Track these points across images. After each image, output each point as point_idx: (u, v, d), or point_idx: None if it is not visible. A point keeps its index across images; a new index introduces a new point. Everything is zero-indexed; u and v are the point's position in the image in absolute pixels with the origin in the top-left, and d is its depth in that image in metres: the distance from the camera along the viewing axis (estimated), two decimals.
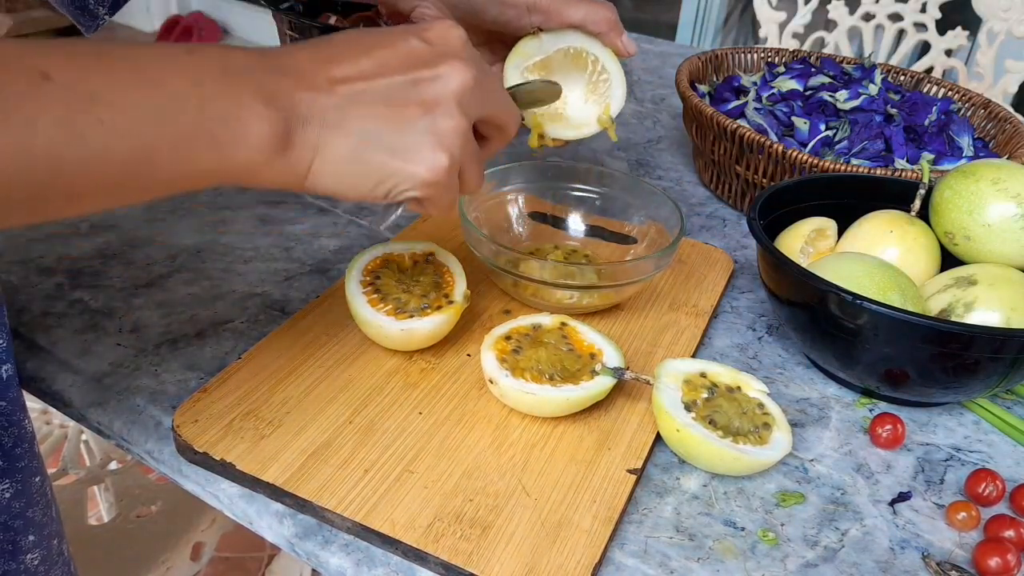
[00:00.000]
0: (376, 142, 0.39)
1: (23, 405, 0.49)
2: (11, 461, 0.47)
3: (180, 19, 3.68)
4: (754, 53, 0.95)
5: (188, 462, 0.47)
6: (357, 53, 0.39)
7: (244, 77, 0.36)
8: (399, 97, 0.39)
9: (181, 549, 0.89)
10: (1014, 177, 0.57)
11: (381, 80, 0.39)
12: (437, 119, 0.40)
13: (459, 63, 0.40)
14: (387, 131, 0.39)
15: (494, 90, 0.44)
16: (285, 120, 0.37)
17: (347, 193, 0.40)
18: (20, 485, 0.48)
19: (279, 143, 0.37)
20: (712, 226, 0.78)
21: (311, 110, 0.37)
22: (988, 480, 0.49)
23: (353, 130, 0.38)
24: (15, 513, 0.48)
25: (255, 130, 0.36)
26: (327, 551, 0.43)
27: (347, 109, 0.38)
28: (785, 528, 0.46)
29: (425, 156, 0.40)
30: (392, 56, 0.39)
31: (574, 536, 0.43)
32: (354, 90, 0.38)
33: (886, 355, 0.52)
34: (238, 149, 0.36)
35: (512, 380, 0.48)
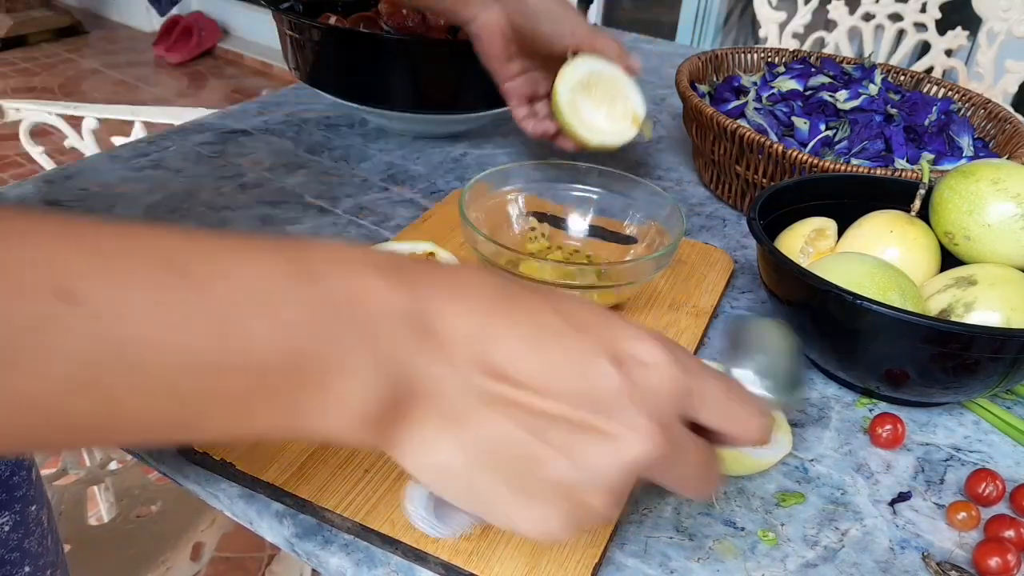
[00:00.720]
0: (494, 464, 0.29)
1: None
2: (9, 491, 0.46)
3: (180, 19, 3.68)
4: (754, 53, 0.95)
5: (188, 462, 0.47)
6: (527, 339, 0.29)
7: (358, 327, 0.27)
8: (552, 434, 0.28)
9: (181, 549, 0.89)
10: (1014, 177, 0.57)
11: (538, 402, 0.28)
12: (582, 490, 0.29)
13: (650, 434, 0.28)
14: (514, 461, 0.28)
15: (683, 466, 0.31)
16: (393, 396, 0.27)
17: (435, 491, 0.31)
18: (18, 516, 0.47)
19: (375, 420, 0.28)
20: (712, 226, 0.78)
21: (435, 391, 0.28)
22: (988, 480, 0.49)
23: (475, 437, 0.28)
24: (12, 546, 0.47)
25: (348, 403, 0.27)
26: (327, 551, 0.43)
27: (479, 412, 0.28)
28: (785, 528, 0.46)
29: (540, 518, 0.29)
30: (569, 369, 0.28)
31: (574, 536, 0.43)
32: (499, 394, 0.28)
33: (886, 355, 0.51)
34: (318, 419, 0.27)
35: None
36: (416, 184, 0.80)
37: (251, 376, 0.25)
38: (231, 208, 0.72)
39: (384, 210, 0.74)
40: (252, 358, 0.25)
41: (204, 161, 0.80)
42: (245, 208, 0.72)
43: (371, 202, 0.75)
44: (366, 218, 0.72)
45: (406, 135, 0.90)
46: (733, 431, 0.32)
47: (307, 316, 0.26)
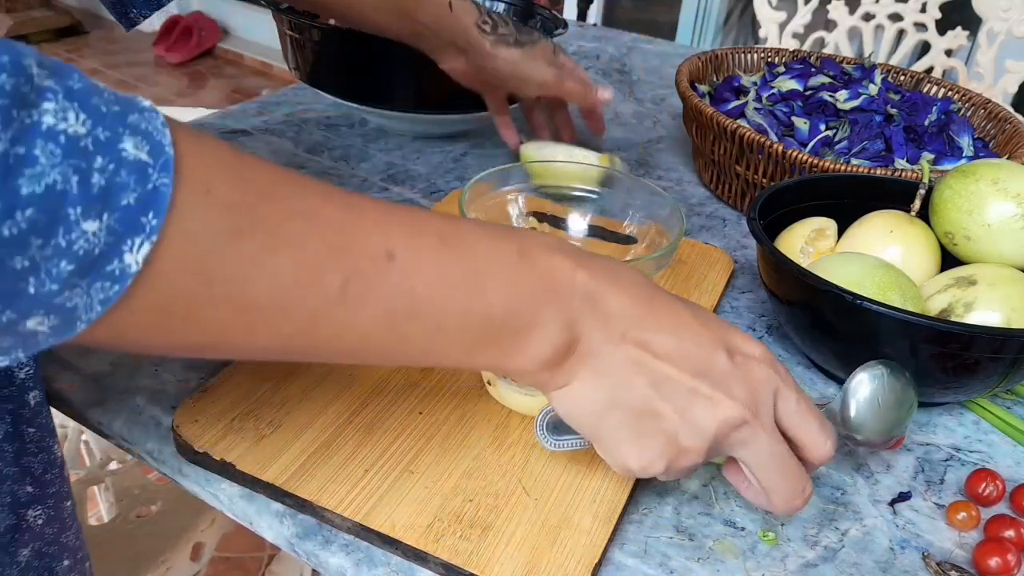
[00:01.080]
0: (621, 411, 0.38)
1: (52, 431, 0.48)
2: (42, 487, 0.47)
3: (180, 19, 3.68)
4: (754, 53, 0.95)
5: (188, 462, 0.47)
6: (667, 326, 0.38)
7: (558, 297, 0.36)
8: (669, 391, 0.38)
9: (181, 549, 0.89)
10: (1014, 177, 0.57)
11: (666, 367, 0.37)
12: (681, 434, 0.38)
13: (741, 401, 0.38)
14: (636, 411, 0.38)
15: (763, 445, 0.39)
16: (568, 348, 0.37)
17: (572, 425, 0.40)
18: (52, 511, 0.48)
19: (552, 363, 0.37)
20: (712, 226, 0.78)
21: (592, 350, 0.37)
22: (988, 480, 0.49)
23: (612, 390, 0.38)
24: (49, 539, 0.48)
25: (539, 348, 0.36)
26: (327, 551, 0.43)
27: (620, 368, 0.38)
28: (785, 528, 0.46)
29: (644, 453, 0.39)
30: (693, 350, 0.38)
31: (574, 536, 0.43)
32: (638, 357, 0.37)
33: (886, 355, 0.51)
34: (515, 358, 0.37)
35: (509, 383, 0.49)
36: (416, 184, 0.80)
37: (486, 323, 0.35)
38: None
39: None
40: (491, 310, 0.35)
41: None
42: None
43: None
44: None
45: (406, 135, 0.90)
46: (805, 440, 0.40)
47: (527, 285, 0.36)
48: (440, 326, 0.34)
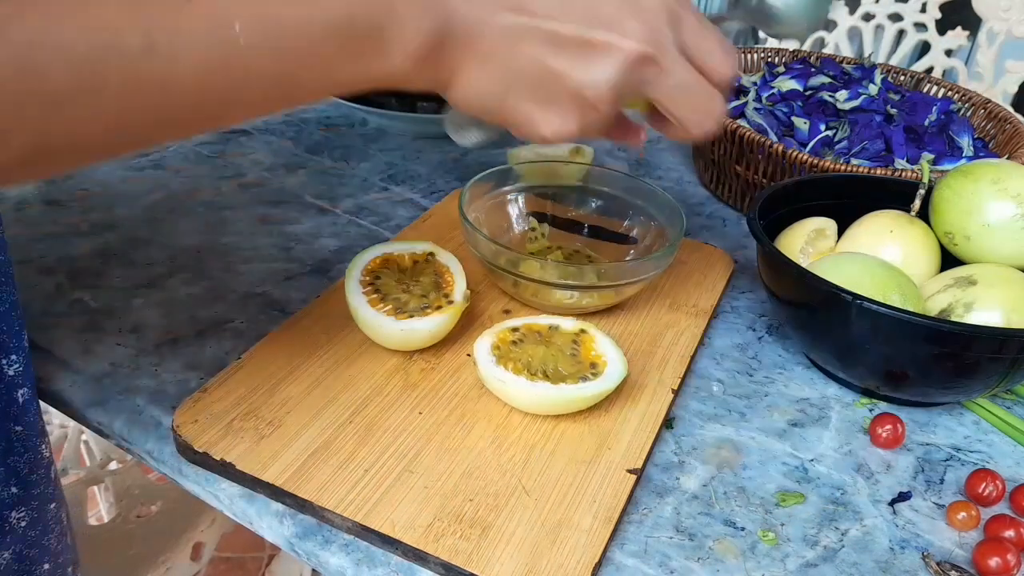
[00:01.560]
0: (520, 84, 0.37)
1: (41, 431, 0.48)
2: (27, 488, 0.47)
3: None
4: (754, 53, 0.95)
5: (188, 462, 0.47)
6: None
7: None
8: (560, 48, 0.36)
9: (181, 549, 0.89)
10: (1014, 177, 0.57)
11: (551, 23, 0.36)
12: (585, 89, 0.37)
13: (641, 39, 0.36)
14: (535, 78, 0.37)
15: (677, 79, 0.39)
16: (436, 32, 0.35)
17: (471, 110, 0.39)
18: (36, 513, 0.47)
19: (425, 55, 0.35)
20: (712, 226, 0.78)
21: (467, 31, 0.35)
22: (988, 480, 0.49)
23: (503, 64, 0.36)
24: (30, 542, 0.47)
25: (402, 44, 0.34)
26: (327, 551, 0.43)
27: (504, 41, 0.36)
28: (785, 528, 0.46)
29: (554, 118, 0.38)
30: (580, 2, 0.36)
31: (574, 536, 0.43)
32: (519, 24, 0.36)
33: (886, 355, 0.52)
34: (384, 61, 0.34)
35: (491, 365, 0.48)
36: (416, 184, 0.80)
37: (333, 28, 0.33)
38: (231, 208, 0.72)
39: (384, 210, 0.74)
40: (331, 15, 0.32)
41: (204, 161, 0.80)
42: (245, 208, 0.72)
43: (371, 202, 0.75)
44: (366, 218, 0.72)
45: (406, 135, 0.90)
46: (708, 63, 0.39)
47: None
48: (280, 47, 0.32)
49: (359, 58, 0.34)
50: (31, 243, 0.64)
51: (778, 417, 0.54)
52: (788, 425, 0.54)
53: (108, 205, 0.71)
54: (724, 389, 0.56)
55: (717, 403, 0.55)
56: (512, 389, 0.48)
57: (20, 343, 0.46)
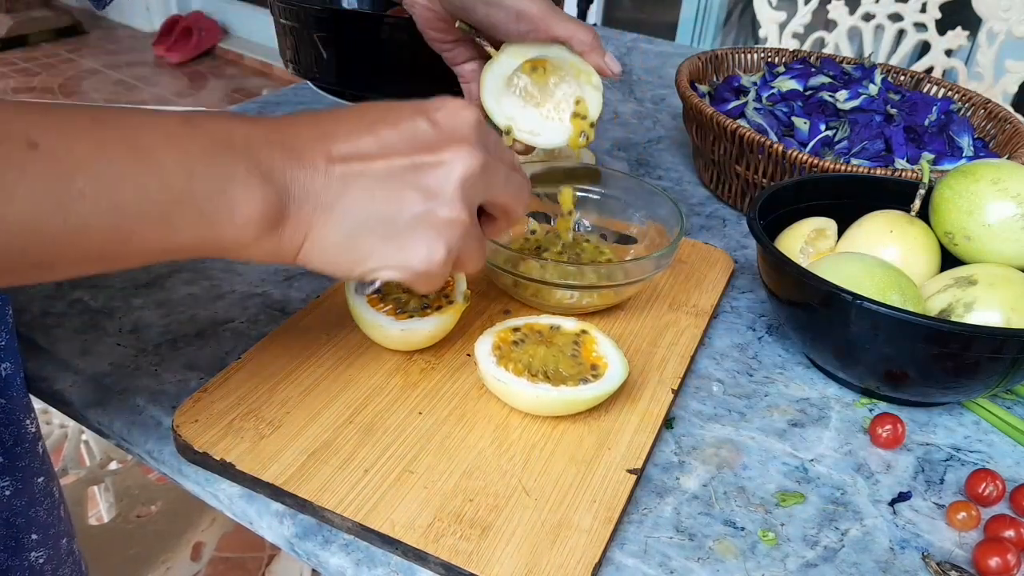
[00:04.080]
0: (370, 227, 0.38)
1: (27, 406, 0.48)
2: (11, 459, 0.47)
3: (180, 18, 3.68)
4: (754, 53, 0.95)
5: (188, 462, 0.47)
6: (359, 130, 0.38)
7: (238, 151, 0.35)
8: (398, 182, 0.38)
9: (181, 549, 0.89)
10: (1014, 177, 0.57)
11: (381, 162, 0.37)
12: (436, 209, 0.38)
13: (466, 149, 0.39)
14: (382, 216, 0.38)
15: (503, 173, 0.42)
16: (277, 198, 0.36)
17: (335, 272, 0.39)
18: (20, 484, 0.48)
19: (270, 222, 0.36)
20: (712, 226, 0.78)
21: (306, 190, 0.36)
22: (988, 480, 0.49)
23: (347, 213, 0.37)
24: (16, 511, 0.48)
25: (245, 209, 0.35)
26: (327, 551, 0.43)
27: (343, 191, 0.37)
28: (785, 528, 0.46)
29: (419, 248, 0.38)
30: (395, 136, 0.38)
31: (574, 536, 0.43)
32: (351, 171, 0.37)
33: (886, 355, 0.52)
34: (225, 227, 0.35)
35: (492, 365, 0.48)
36: None
37: (168, 194, 0.33)
38: None
39: None
40: (166, 179, 0.33)
41: None
42: None
43: None
44: None
45: None
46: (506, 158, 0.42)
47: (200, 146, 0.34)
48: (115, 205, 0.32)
49: (199, 221, 0.34)
50: None
51: (778, 417, 0.54)
52: (788, 425, 0.54)
53: None
54: (724, 389, 0.56)
55: (717, 403, 0.55)
56: (512, 390, 0.48)
57: (3, 318, 0.46)
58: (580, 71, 0.59)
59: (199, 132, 0.34)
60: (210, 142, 0.34)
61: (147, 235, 0.33)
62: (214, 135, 0.35)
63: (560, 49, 0.57)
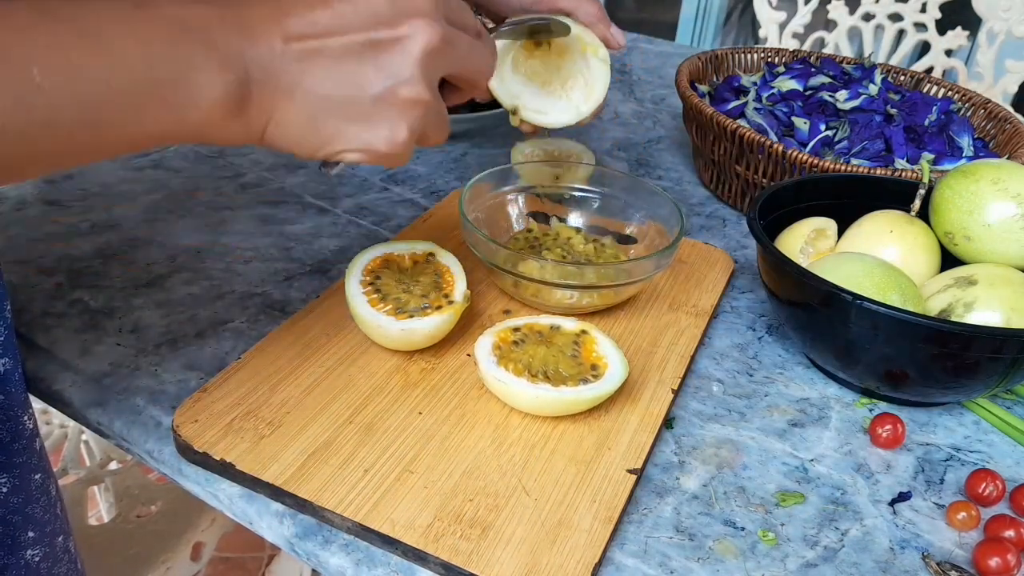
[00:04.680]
0: (331, 107, 0.37)
1: (24, 402, 0.48)
2: (8, 456, 0.47)
3: None
4: (754, 53, 0.95)
5: (188, 462, 0.47)
6: (314, 5, 0.37)
7: (195, 35, 0.34)
8: (356, 60, 0.37)
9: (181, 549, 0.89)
10: (1014, 177, 0.57)
11: (338, 39, 0.36)
12: (397, 89, 0.37)
13: (423, 22, 0.37)
14: (343, 97, 0.37)
15: (466, 43, 0.41)
16: (238, 82, 0.35)
17: (300, 153, 0.39)
18: (18, 481, 0.48)
19: (233, 105, 0.35)
20: (712, 226, 0.78)
21: (265, 72, 0.36)
22: (988, 480, 0.49)
23: (308, 94, 0.37)
24: (13, 508, 0.48)
25: (207, 93, 0.34)
26: (327, 551, 0.43)
27: (302, 71, 0.36)
28: (785, 528, 0.46)
29: (381, 129, 0.38)
30: (351, 11, 0.37)
31: (574, 536, 0.43)
32: (308, 48, 0.36)
33: (886, 355, 0.52)
34: (190, 111, 0.34)
35: (492, 365, 0.48)
36: (416, 184, 0.80)
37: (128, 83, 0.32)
38: (231, 208, 0.72)
39: (384, 210, 0.74)
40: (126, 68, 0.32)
41: (204, 161, 0.80)
42: (245, 208, 0.72)
43: (371, 202, 0.75)
44: (366, 218, 0.72)
45: None
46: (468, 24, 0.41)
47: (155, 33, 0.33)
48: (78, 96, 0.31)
49: (164, 108, 0.34)
50: (31, 243, 0.64)
51: (778, 417, 0.54)
52: (788, 425, 0.54)
53: (108, 205, 0.71)
54: (724, 389, 0.56)
55: (717, 403, 0.55)
56: (512, 390, 0.48)
57: (1, 313, 0.46)
58: (586, 45, 0.59)
59: (153, 17, 0.34)
60: (165, 27, 0.34)
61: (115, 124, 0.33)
62: (169, 20, 0.34)
63: (564, 20, 0.57)
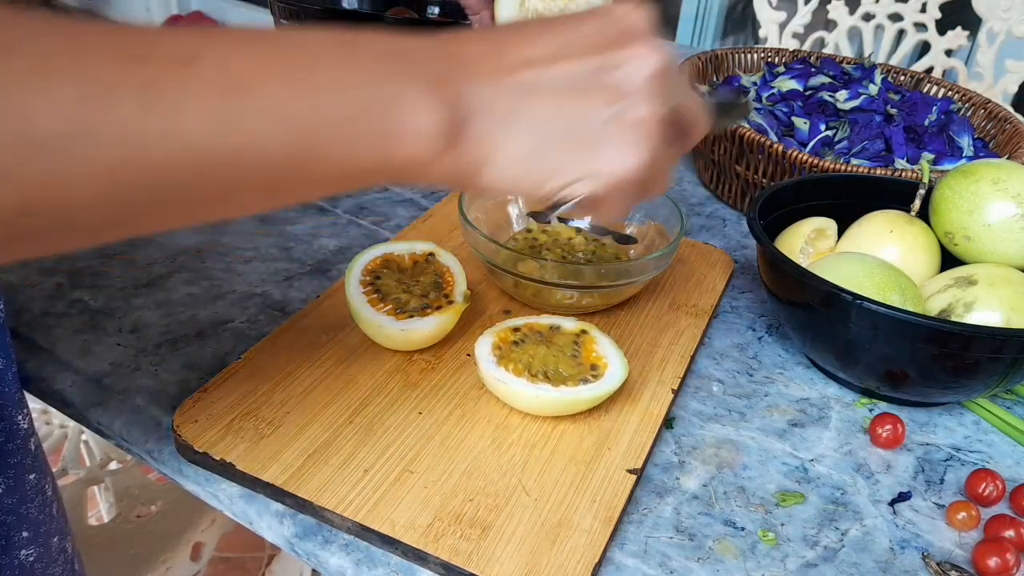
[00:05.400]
0: (555, 137, 0.34)
1: (19, 401, 0.48)
2: (2, 456, 0.47)
3: (180, 18, 3.68)
4: (754, 53, 0.95)
5: (188, 462, 0.47)
6: (531, 37, 0.35)
7: (407, 65, 0.32)
8: (582, 85, 0.34)
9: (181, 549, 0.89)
10: (1014, 177, 0.57)
11: (560, 66, 0.34)
12: (629, 107, 0.34)
13: (648, 45, 0.35)
14: (568, 125, 0.34)
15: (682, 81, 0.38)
16: (453, 112, 0.33)
17: (519, 191, 0.36)
18: (12, 481, 0.48)
19: (448, 138, 0.33)
20: (712, 226, 0.78)
21: (482, 102, 0.33)
22: (988, 480, 0.49)
23: (530, 124, 0.34)
24: (7, 508, 0.48)
25: (422, 123, 0.32)
26: (327, 551, 0.43)
27: (522, 101, 0.34)
28: (785, 528, 0.46)
29: (615, 150, 0.35)
30: (572, 39, 0.34)
31: (574, 536, 0.43)
32: (529, 79, 0.34)
33: (886, 355, 0.52)
34: (403, 144, 0.32)
35: (492, 365, 0.49)
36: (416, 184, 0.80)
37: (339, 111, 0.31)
38: None
39: (384, 210, 0.74)
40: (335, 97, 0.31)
41: None
42: None
43: (371, 202, 0.75)
44: (366, 218, 0.72)
45: None
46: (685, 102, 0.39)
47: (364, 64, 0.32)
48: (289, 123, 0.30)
49: (370, 142, 0.32)
50: None
51: (778, 417, 0.54)
52: (788, 425, 0.54)
53: None
54: (724, 389, 0.56)
55: (717, 403, 0.55)
56: (512, 390, 0.48)
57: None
58: None
59: (361, 51, 0.32)
60: (375, 58, 0.32)
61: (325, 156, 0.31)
62: (379, 52, 0.32)
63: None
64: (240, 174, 0.30)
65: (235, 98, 0.29)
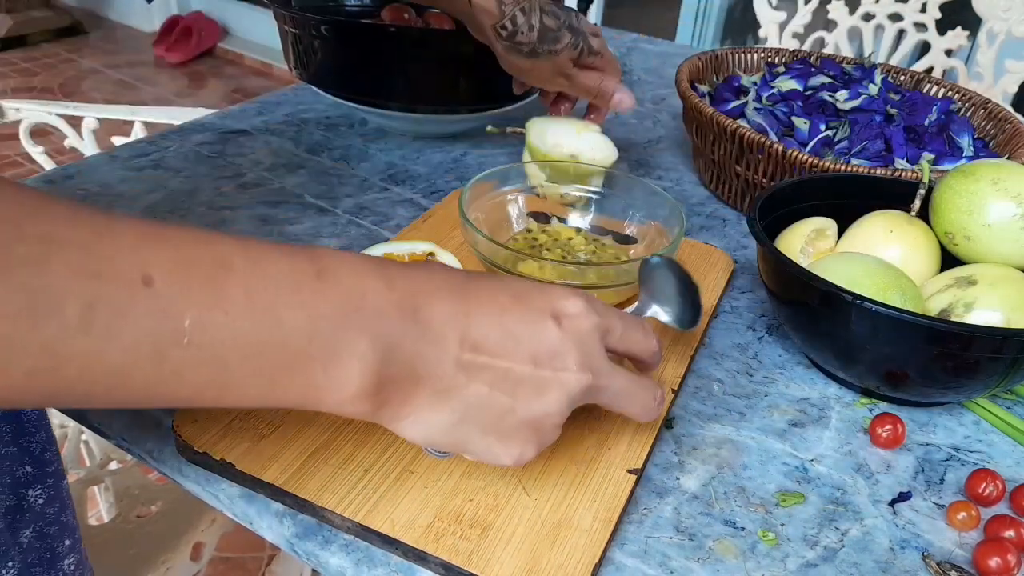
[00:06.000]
0: (475, 418, 0.38)
1: (46, 409, 0.48)
2: (41, 466, 0.47)
3: (180, 19, 3.68)
4: (754, 53, 0.95)
5: (188, 462, 0.47)
6: (491, 317, 0.37)
7: (367, 319, 0.34)
8: (514, 386, 0.38)
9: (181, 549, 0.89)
10: (1014, 177, 0.57)
11: (503, 362, 0.37)
12: (543, 420, 0.39)
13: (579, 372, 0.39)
14: (492, 414, 0.38)
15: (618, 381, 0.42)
16: (391, 377, 0.35)
17: (422, 444, 0.40)
18: (52, 490, 0.48)
19: (375, 398, 0.35)
20: (712, 226, 0.78)
21: (428, 371, 0.36)
22: (988, 480, 0.49)
23: (458, 403, 0.37)
24: (50, 519, 0.48)
25: (355, 382, 0.34)
26: (327, 551, 0.43)
27: (464, 381, 0.37)
28: (785, 528, 0.46)
29: (513, 448, 0.39)
30: (525, 334, 0.38)
31: (574, 536, 0.43)
32: (478, 363, 0.37)
33: (886, 355, 0.52)
34: (330, 393, 0.34)
35: None
36: (416, 184, 0.80)
37: (281, 352, 0.32)
38: (231, 208, 0.72)
39: (384, 210, 0.74)
40: (285, 337, 0.32)
41: (204, 161, 0.80)
42: (245, 208, 0.72)
43: (371, 202, 0.75)
44: (366, 218, 0.72)
45: (406, 135, 0.90)
46: (636, 353, 0.44)
47: (327, 308, 0.33)
48: (220, 357, 0.30)
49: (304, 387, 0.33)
50: None
51: (778, 417, 0.54)
52: (788, 425, 0.54)
53: (108, 205, 0.71)
54: (724, 389, 0.56)
55: (717, 403, 0.55)
56: None
57: None
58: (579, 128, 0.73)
59: (330, 291, 0.33)
60: (340, 303, 0.33)
61: (245, 391, 0.32)
62: (348, 295, 0.33)
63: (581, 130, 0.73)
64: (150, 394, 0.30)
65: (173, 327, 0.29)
